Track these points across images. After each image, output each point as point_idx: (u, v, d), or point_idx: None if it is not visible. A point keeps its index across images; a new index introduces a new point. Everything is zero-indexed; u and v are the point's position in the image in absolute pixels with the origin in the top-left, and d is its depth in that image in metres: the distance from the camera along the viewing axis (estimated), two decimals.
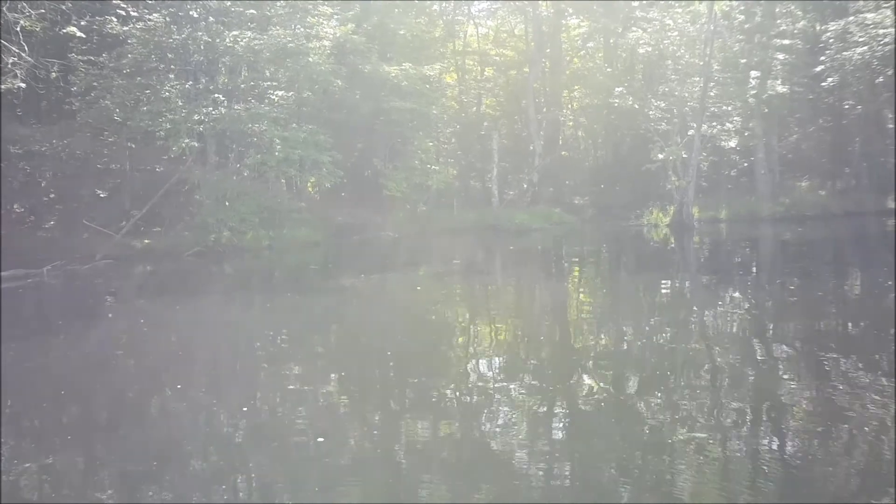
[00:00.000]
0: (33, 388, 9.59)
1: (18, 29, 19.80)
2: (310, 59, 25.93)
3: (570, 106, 43.98)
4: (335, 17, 28.67)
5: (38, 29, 21.96)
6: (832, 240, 26.21)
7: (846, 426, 7.18)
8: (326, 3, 28.75)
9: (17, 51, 19.68)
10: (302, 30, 26.65)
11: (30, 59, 20.39)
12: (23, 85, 20.53)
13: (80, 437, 7.81)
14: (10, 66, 19.77)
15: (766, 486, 6.02)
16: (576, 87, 43.10)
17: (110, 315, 15.21)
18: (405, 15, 33.81)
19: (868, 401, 7.84)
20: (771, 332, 11.95)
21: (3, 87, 20.13)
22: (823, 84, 32.88)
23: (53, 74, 23.94)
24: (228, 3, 25.54)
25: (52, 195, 27.68)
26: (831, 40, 32.31)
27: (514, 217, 33.04)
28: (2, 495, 6.10)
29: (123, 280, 20.31)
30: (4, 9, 19.75)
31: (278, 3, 26.91)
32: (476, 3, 43.09)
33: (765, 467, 6.37)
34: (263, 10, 26.57)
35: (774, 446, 6.82)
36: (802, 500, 5.75)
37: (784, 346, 10.87)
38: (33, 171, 26.29)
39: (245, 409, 8.49)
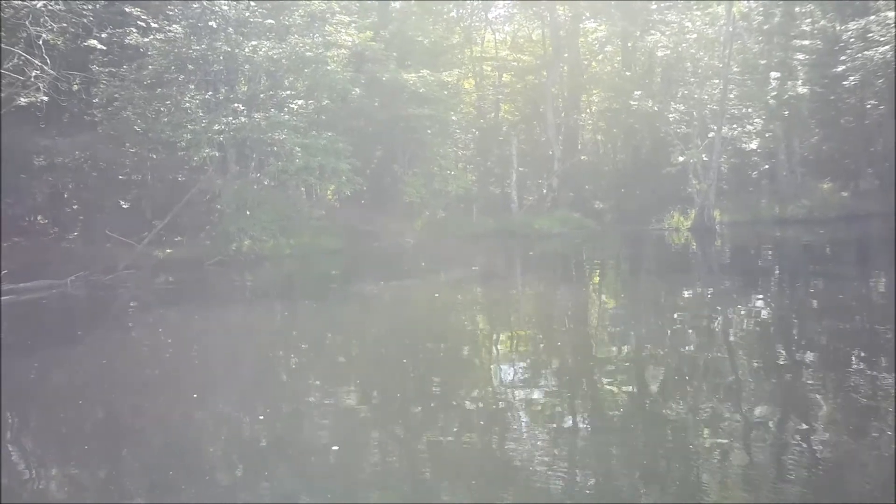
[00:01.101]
0: (48, 401, 9.68)
1: (41, 42, 20.02)
2: (328, 68, 26.04)
3: (588, 110, 43.88)
4: (353, 24, 28.76)
5: (59, 42, 22.20)
6: (855, 241, 25.95)
7: (871, 429, 7.11)
8: (344, 11, 28.86)
9: (39, 64, 19.89)
10: (320, 38, 26.75)
11: (52, 71, 20.59)
12: (45, 98, 20.74)
13: (100, 443, 7.89)
14: (33, 79, 19.98)
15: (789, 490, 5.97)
16: (594, 91, 42.99)
17: (136, 325, 15.31)
18: (423, 22, 33.94)
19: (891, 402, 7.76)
20: (794, 336, 11.85)
21: (26, 100, 20.35)
22: (845, 83, 32.64)
23: (75, 86, 24.14)
24: (247, 13, 25.71)
25: (74, 206, 27.96)
26: (852, 40, 32.07)
27: (534, 222, 33.00)
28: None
29: (147, 290, 20.45)
30: (27, 23, 20.00)
31: (297, 13, 27.05)
32: (493, 9, 43.08)
33: (790, 472, 6.31)
34: (282, 19, 26.71)
35: (799, 451, 6.76)
36: (823, 502, 5.73)
37: (807, 350, 10.77)
38: (56, 182, 26.57)
39: (262, 417, 8.52)
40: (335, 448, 7.37)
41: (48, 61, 20.23)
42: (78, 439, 8.14)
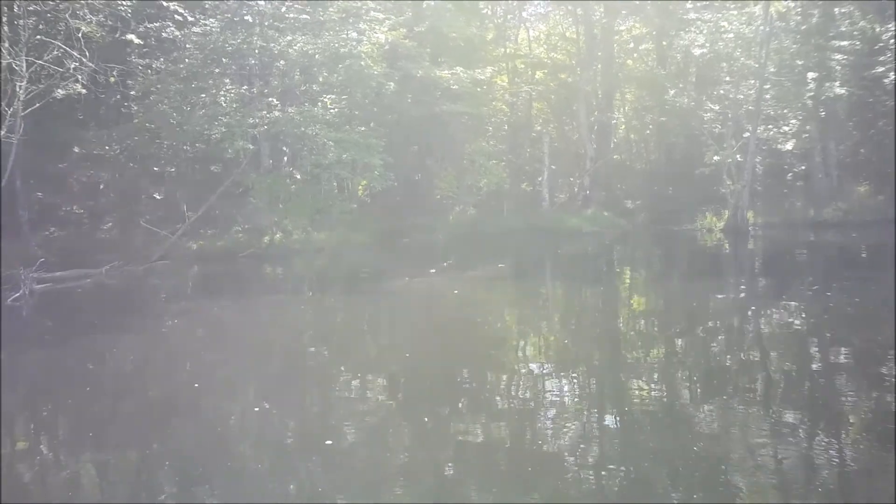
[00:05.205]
0: (62, 394, 9.86)
1: (80, 35, 20.30)
2: (362, 63, 26.15)
3: (622, 109, 43.60)
4: (387, 21, 28.83)
5: (98, 35, 22.48)
6: (889, 246, 25.52)
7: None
8: (378, 8, 28.94)
9: (78, 56, 20.18)
10: (355, 35, 26.85)
11: (90, 64, 20.88)
12: (83, 90, 21.02)
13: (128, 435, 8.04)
14: (71, 70, 20.28)
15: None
16: (628, 90, 42.72)
17: (168, 314, 15.49)
18: (456, 19, 33.88)
19: None
20: (827, 340, 11.73)
21: (64, 92, 20.64)
22: (885, 83, 32.12)
23: (113, 79, 24.45)
24: (283, 8, 25.88)
25: (111, 196, 28.35)
26: (892, 41, 31.54)
27: (565, 221, 32.88)
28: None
29: (180, 281, 20.71)
30: (67, 16, 20.30)
31: (331, 9, 27.16)
32: (528, 6, 42.90)
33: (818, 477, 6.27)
34: (317, 15, 26.85)
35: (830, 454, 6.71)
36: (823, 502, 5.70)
37: (838, 355, 10.66)
38: (92, 173, 26.95)
39: (274, 409, 8.60)
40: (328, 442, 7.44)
41: (87, 54, 20.51)
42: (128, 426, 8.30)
